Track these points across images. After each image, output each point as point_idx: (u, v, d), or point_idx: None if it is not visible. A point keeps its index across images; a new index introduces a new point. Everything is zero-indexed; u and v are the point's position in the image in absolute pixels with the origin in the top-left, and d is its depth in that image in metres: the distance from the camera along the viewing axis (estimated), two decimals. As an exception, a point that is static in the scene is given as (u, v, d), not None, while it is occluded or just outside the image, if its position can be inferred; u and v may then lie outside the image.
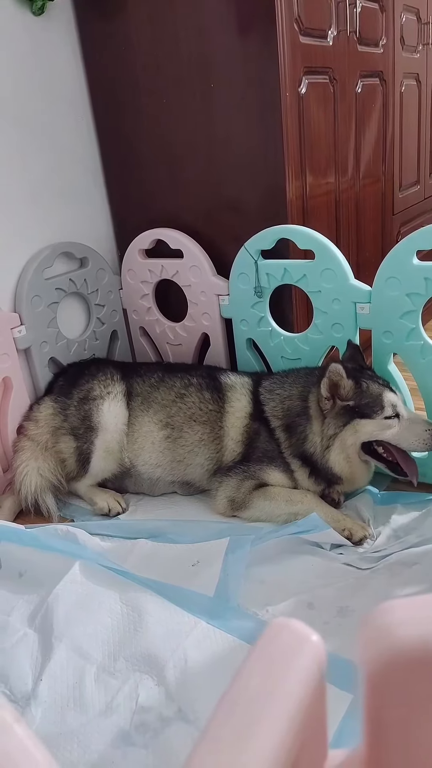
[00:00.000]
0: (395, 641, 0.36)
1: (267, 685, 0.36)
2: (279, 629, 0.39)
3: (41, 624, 1.30)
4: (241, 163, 1.85)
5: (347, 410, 1.55)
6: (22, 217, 1.91)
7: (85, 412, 1.78)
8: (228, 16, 1.70)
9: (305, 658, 0.37)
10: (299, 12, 1.71)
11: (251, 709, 0.35)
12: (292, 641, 0.38)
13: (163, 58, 1.86)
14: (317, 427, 1.59)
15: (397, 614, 0.38)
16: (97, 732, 1.07)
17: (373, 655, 0.37)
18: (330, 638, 1.12)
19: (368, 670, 0.37)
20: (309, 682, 0.37)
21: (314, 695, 0.37)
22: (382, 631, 0.37)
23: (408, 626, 0.37)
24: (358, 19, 2.03)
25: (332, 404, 1.56)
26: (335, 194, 2.07)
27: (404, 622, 0.37)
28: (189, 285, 2.00)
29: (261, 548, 1.45)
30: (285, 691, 0.35)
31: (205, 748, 0.34)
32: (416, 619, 0.37)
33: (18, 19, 1.80)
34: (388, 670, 0.37)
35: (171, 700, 1.11)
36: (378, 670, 0.37)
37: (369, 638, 0.37)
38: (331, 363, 1.54)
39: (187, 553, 1.48)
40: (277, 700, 0.35)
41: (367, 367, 1.67)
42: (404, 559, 1.40)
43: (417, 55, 2.56)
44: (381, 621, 0.38)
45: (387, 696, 0.38)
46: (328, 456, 1.58)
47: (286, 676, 0.36)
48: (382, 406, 1.53)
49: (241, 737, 0.34)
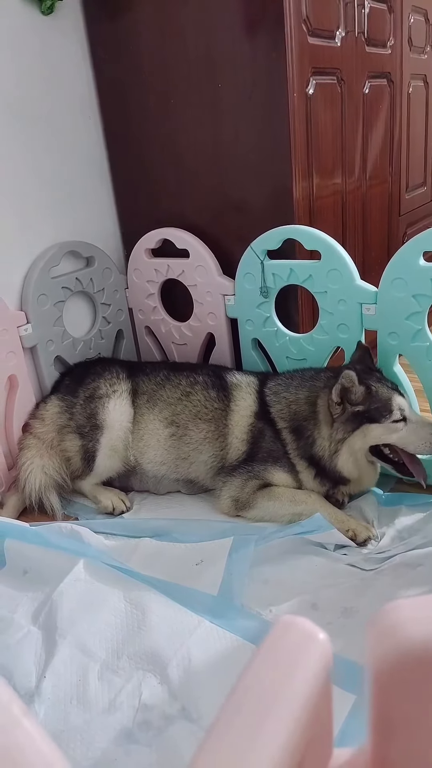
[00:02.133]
0: (402, 640, 0.36)
1: (275, 683, 0.36)
2: (287, 627, 0.39)
3: (45, 621, 1.31)
4: (247, 163, 1.85)
5: (357, 415, 1.54)
6: (30, 216, 1.91)
7: (91, 411, 1.78)
8: (236, 16, 1.70)
9: (312, 657, 0.37)
10: (307, 13, 1.71)
11: (259, 707, 0.35)
12: (299, 639, 0.38)
13: (171, 58, 1.87)
14: (326, 431, 1.59)
15: (404, 613, 0.38)
16: (100, 730, 1.07)
17: (381, 654, 0.37)
18: (333, 639, 1.10)
19: (375, 669, 0.37)
20: (316, 681, 0.37)
21: (321, 693, 0.37)
22: (389, 631, 0.37)
23: (415, 625, 0.37)
24: (366, 20, 2.03)
25: (342, 409, 1.56)
26: (342, 195, 2.07)
27: (411, 621, 0.37)
28: (195, 285, 2.00)
29: (265, 548, 1.46)
30: (292, 689, 0.35)
31: (212, 745, 0.35)
32: (423, 618, 0.37)
33: (27, 18, 1.81)
34: (395, 669, 0.37)
35: (174, 699, 1.11)
36: (385, 669, 0.37)
37: (376, 637, 0.38)
38: (343, 369, 1.54)
39: (191, 552, 1.48)
40: (285, 698, 0.35)
41: (375, 368, 1.66)
42: (408, 560, 1.40)
43: (425, 56, 2.56)
44: (388, 620, 0.38)
45: (394, 695, 0.38)
46: (337, 460, 1.58)
47: (294, 674, 0.37)
48: (391, 411, 1.52)
49: (249, 735, 0.34)
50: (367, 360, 1.66)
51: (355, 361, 1.66)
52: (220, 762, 0.34)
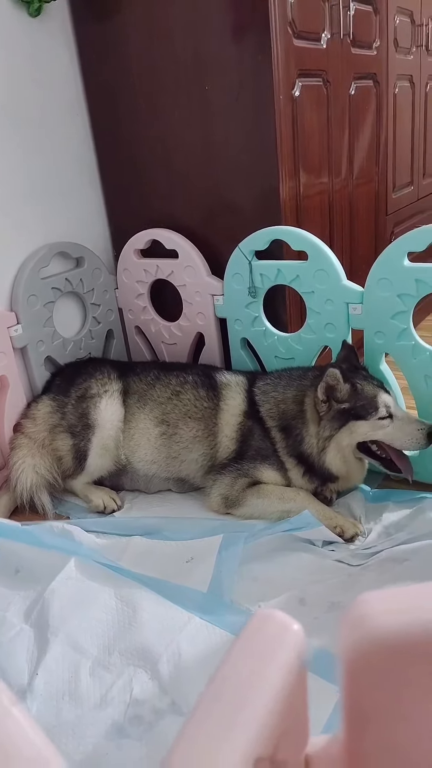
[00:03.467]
0: (372, 630, 0.39)
1: (251, 672, 0.38)
2: (263, 619, 0.41)
3: (37, 619, 1.32)
4: (235, 164, 1.87)
5: (343, 412, 1.57)
6: (19, 217, 1.92)
7: (83, 410, 1.80)
8: (223, 19, 1.72)
9: (287, 646, 0.39)
10: (293, 16, 1.73)
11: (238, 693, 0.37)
12: (275, 631, 0.40)
13: (159, 60, 1.88)
14: (313, 429, 1.62)
15: (374, 606, 0.40)
16: (92, 724, 1.09)
17: (352, 644, 0.39)
18: (320, 633, 1.14)
19: (347, 659, 0.40)
20: (290, 669, 0.39)
21: (295, 681, 0.39)
22: (359, 622, 0.39)
23: (384, 616, 0.39)
24: (351, 22, 2.05)
25: (328, 407, 1.58)
26: (329, 195, 2.09)
27: (380, 612, 0.39)
28: (184, 285, 2.02)
29: (254, 545, 1.48)
30: (268, 677, 0.37)
31: (191, 732, 0.37)
32: (391, 609, 0.39)
33: (15, 20, 1.81)
34: (365, 658, 0.39)
35: (164, 693, 1.13)
36: (356, 658, 0.39)
37: (348, 628, 0.40)
38: (329, 367, 1.57)
39: (182, 550, 1.51)
40: (261, 686, 0.37)
41: (361, 367, 1.69)
42: (395, 555, 1.42)
43: (411, 56, 2.58)
44: (359, 612, 0.40)
45: (365, 683, 0.40)
46: (325, 457, 1.60)
47: (269, 663, 0.39)
48: (377, 408, 1.55)
49: (226, 722, 0.36)
50: (353, 358, 1.68)
51: (341, 359, 1.69)
52: (199, 748, 0.36)
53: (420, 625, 0.37)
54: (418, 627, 0.37)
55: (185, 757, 0.36)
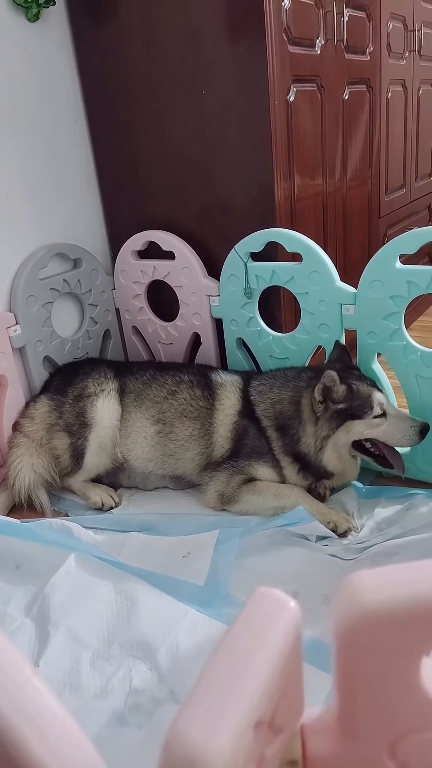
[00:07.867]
0: (362, 604, 0.42)
1: (253, 640, 0.41)
2: (261, 596, 0.45)
3: (38, 613, 1.35)
4: (231, 167, 1.91)
5: (340, 412, 1.61)
6: (18, 219, 1.95)
7: (80, 409, 1.83)
8: (219, 25, 1.76)
9: (284, 620, 0.43)
10: (288, 22, 1.77)
11: (240, 659, 0.40)
12: (273, 605, 0.44)
13: (156, 64, 1.91)
14: (310, 429, 1.65)
15: (364, 582, 0.44)
16: (93, 713, 1.12)
17: (343, 617, 0.43)
18: (314, 624, 1.18)
19: (338, 630, 0.43)
20: (287, 641, 0.43)
21: (292, 650, 0.43)
22: (350, 596, 0.43)
23: (372, 591, 0.42)
24: (345, 28, 2.09)
25: (325, 407, 1.62)
26: (323, 197, 2.13)
27: (370, 587, 0.43)
28: (180, 286, 2.05)
29: (250, 540, 1.51)
30: (268, 644, 0.41)
31: (197, 695, 0.40)
32: (380, 585, 0.43)
33: (13, 25, 1.84)
34: (355, 629, 0.42)
35: (163, 683, 1.16)
36: (347, 629, 0.43)
37: (339, 602, 0.43)
38: (323, 368, 1.60)
39: (179, 544, 1.53)
40: (262, 652, 0.41)
41: (354, 366, 1.73)
42: (386, 549, 1.46)
43: (403, 61, 2.62)
44: (350, 588, 0.44)
45: (355, 652, 0.43)
46: (322, 455, 1.64)
47: (267, 635, 0.42)
48: (372, 407, 1.59)
49: (231, 684, 0.40)
50: (345, 358, 1.72)
51: (334, 359, 1.73)
52: (203, 710, 0.40)
53: (403, 599, 0.41)
54: (401, 600, 0.41)
55: (190, 718, 0.39)
